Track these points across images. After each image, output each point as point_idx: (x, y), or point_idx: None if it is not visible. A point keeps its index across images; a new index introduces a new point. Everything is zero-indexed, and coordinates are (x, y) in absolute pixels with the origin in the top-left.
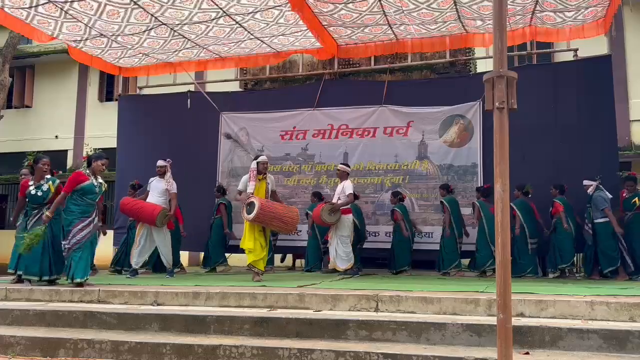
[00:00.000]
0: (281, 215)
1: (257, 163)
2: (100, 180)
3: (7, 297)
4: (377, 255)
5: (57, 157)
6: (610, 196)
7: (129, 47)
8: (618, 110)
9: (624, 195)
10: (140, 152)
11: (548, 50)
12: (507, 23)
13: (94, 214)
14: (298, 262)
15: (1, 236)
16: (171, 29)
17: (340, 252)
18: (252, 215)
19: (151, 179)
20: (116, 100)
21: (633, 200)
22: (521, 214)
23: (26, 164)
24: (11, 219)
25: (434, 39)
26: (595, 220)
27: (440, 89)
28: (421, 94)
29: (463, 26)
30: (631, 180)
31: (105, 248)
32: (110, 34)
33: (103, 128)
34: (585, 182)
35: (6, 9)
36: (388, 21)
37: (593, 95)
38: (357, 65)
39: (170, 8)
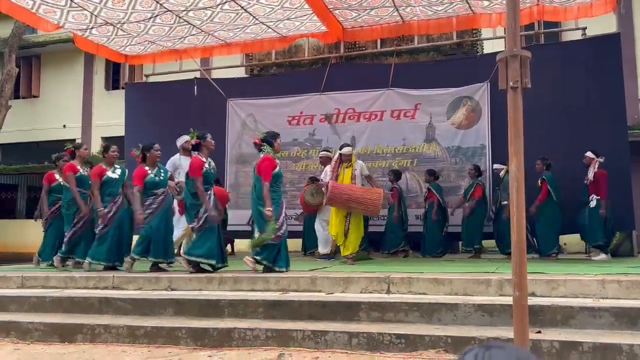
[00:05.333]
0: (358, 197)
1: (340, 154)
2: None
3: (24, 285)
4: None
5: (65, 147)
6: None
7: (135, 34)
8: (627, 89)
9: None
10: (148, 140)
11: (556, 29)
12: None
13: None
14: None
15: (12, 226)
16: (176, 15)
17: (319, 236)
18: (324, 200)
19: (173, 158)
20: (123, 88)
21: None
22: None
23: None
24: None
25: (441, 21)
26: (503, 202)
27: (447, 71)
28: (428, 76)
29: (469, 7)
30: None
31: None
32: (116, 22)
33: (110, 116)
34: (496, 166)
35: None
36: (394, 3)
37: (602, 74)
38: (363, 48)
39: None
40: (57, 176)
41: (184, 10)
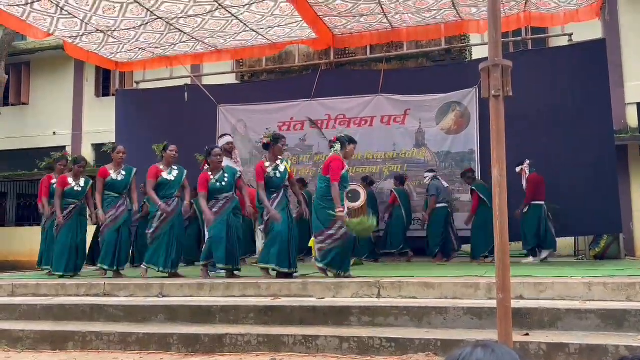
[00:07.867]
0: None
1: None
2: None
3: (14, 293)
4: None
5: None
6: (447, 185)
7: (126, 41)
8: (613, 94)
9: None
10: (139, 147)
11: (543, 35)
12: (502, 9)
13: None
14: None
15: (1, 234)
16: (167, 22)
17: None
18: (357, 204)
19: None
20: (113, 95)
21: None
22: (401, 201)
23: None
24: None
25: (429, 27)
26: (436, 206)
27: (436, 77)
28: (417, 82)
29: (458, 13)
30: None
31: None
32: (107, 29)
33: (101, 123)
34: (426, 174)
35: (1, 6)
36: (383, 10)
37: (588, 80)
38: (353, 54)
39: (166, 2)
40: (70, 180)
41: (174, 18)
